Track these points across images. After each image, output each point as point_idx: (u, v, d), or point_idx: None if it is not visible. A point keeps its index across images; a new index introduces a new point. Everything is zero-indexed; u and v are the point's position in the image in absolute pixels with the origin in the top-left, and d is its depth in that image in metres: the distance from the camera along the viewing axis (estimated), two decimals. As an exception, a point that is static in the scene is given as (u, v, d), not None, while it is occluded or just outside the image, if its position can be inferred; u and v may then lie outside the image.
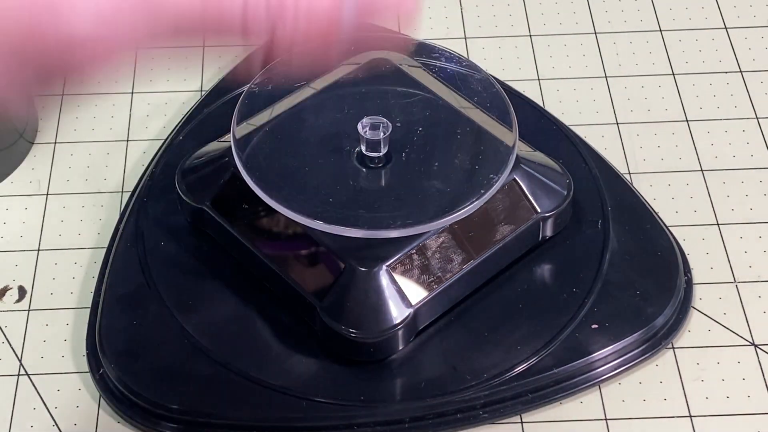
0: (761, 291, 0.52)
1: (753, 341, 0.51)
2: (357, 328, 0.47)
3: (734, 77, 0.60)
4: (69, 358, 0.50)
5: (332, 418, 0.47)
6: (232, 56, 0.61)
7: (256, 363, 0.48)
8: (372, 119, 0.50)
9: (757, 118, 0.58)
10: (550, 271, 0.51)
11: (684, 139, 0.58)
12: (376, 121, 0.50)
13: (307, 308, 0.48)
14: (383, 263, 0.48)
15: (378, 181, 0.50)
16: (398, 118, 0.51)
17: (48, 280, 0.53)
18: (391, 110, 0.51)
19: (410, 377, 0.48)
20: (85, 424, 0.49)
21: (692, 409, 0.49)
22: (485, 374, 0.48)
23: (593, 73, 0.61)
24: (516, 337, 0.49)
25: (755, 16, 0.63)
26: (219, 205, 0.51)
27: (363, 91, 0.52)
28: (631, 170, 0.56)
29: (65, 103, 0.59)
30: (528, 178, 0.51)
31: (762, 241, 0.54)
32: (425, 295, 0.48)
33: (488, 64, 0.61)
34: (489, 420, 0.48)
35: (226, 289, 0.51)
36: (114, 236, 0.53)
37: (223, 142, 0.52)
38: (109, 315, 0.50)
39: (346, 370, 0.48)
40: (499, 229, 0.50)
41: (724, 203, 0.55)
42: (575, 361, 0.49)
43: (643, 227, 0.53)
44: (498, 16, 0.63)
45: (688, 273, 0.52)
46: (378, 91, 0.52)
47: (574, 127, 0.57)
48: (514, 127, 0.50)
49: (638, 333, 0.49)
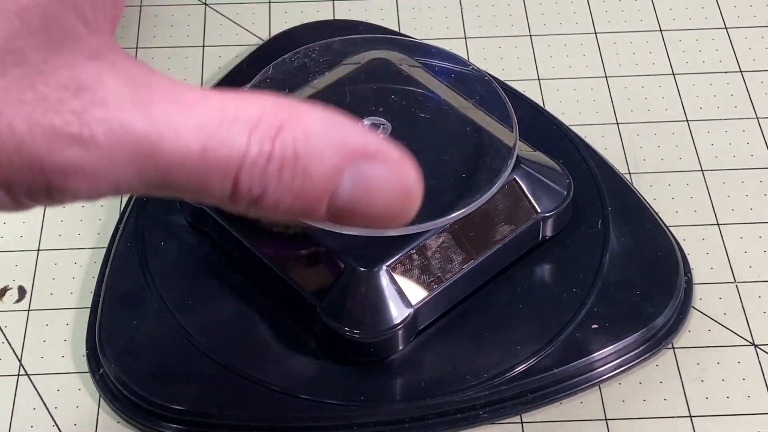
0: (761, 291, 0.52)
1: (753, 341, 0.51)
2: (357, 328, 0.47)
3: (734, 77, 0.60)
4: (69, 358, 0.50)
5: (332, 418, 0.47)
6: (232, 56, 0.61)
7: (256, 363, 0.48)
8: (372, 120, 0.50)
9: (757, 118, 0.58)
10: (550, 271, 0.51)
11: (684, 139, 0.58)
12: (376, 121, 0.50)
13: (307, 308, 0.48)
14: (383, 263, 0.48)
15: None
16: (398, 118, 0.51)
17: (48, 280, 0.53)
18: (391, 110, 0.51)
19: (410, 377, 0.48)
20: (85, 424, 0.49)
21: (692, 409, 0.49)
22: (485, 374, 0.48)
23: (593, 73, 0.61)
24: (516, 337, 0.49)
25: (755, 16, 0.63)
26: (219, 205, 0.51)
27: (363, 91, 0.52)
28: (631, 170, 0.56)
29: (65, 103, 0.59)
30: (528, 178, 0.51)
31: (762, 241, 0.54)
32: (425, 295, 0.48)
33: (488, 64, 0.61)
34: (489, 420, 0.48)
35: (226, 289, 0.51)
36: (114, 236, 0.53)
37: (223, 142, 0.52)
38: (109, 315, 0.50)
39: (346, 370, 0.48)
40: (499, 229, 0.50)
41: (724, 203, 0.55)
42: (575, 361, 0.49)
43: (643, 227, 0.53)
44: (498, 16, 0.63)
45: (688, 273, 0.52)
46: (378, 91, 0.52)
47: (574, 127, 0.57)
48: (514, 127, 0.50)
49: (638, 333, 0.49)
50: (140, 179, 0.27)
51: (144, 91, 0.26)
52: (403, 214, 0.30)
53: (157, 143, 0.26)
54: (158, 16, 0.63)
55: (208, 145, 0.26)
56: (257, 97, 0.28)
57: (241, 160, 0.27)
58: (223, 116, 0.27)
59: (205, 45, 0.62)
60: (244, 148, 0.26)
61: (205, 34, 0.62)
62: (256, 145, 0.27)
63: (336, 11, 0.63)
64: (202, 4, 0.64)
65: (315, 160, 0.27)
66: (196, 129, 0.26)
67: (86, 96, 0.26)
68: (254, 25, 0.63)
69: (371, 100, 0.52)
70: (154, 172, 0.27)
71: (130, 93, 0.26)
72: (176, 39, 0.62)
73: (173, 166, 0.26)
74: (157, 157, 0.26)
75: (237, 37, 0.62)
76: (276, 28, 0.62)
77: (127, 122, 0.26)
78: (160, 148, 0.26)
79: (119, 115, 0.26)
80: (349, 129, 0.28)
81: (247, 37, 0.62)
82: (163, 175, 0.27)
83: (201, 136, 0.26)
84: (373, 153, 0.29)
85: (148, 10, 0.64)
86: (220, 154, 0.26)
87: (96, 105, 0.26)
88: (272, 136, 0.27)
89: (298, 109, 0.28)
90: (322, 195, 0.28)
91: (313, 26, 0.62)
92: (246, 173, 0.27)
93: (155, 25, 0.63)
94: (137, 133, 0.26)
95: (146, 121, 0.26)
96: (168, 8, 0.64)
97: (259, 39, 0.62)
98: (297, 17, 0.63)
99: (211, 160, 0.26)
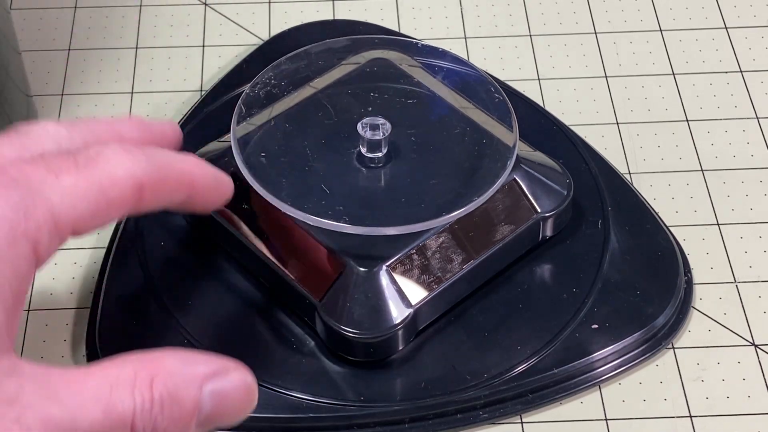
0: (761, 291, 0.52)
1: (753, 341, 0.51)
2: (357, 328, 0.47)
3: (734, 77, 0.60)
4: (69, 358, 0.50)
5: (332, 418, 0.47)
6: (232, 56, 0.61)
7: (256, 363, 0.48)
8: (372, 120, 0.50)
9: (757, 118, 0.58)
10: (550, 271, 0.51)
11: (684, 139, 0.58)
12: (375, 121, 0.50)
13: (307, 308, 0.48)
14: (383, 263, 0.48)
15: (378, 181, 0.50)
16: (398, 118, 0.51)
17: (48, 280, 0.53)
18: (391, 110, 0.51)
19: (410, 377, 0.48)
20: (85, 424, 0.49)
21: (692, 409, 0.49)
22: (485, 374, 0.48)
23: (593, 73, 0.61)
24: (516, 337, 0.49)
25: (755, 16, 0.63)
26: (219, 205, 0.51)
27: (363, 91, 0.52)
28: (631, 170, 0.56)
29: (65, 103, 0.59)
30: (528, 178, 0.51)
31: (762, 241, 0.54)
32: (425, 295, 0.48)
33: (488, 64, 0.61)
34: (489, 420, 0.48)
35: (226, 289, 0.51)
36: (114, 236, 0.53)
37: (223, 142, 0.52)
38: (109, 315, 0.50)
39: (346, 370, 0.48)
40: (499, 229, 0.50)
41: (724, 203, 0.55)
42: (575, 361, 0.49)
43: (643, 227, 0.53)
44: (498, 16, 0.63)
45: (688, 273, 0.52)
46: (378, 91, 0.52)
47: (574, 127, 0.57)
48: (514, 127, 0.50)
49: (638, 333, 0.49)
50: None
51: (50, 386, 0.34)
52: (251, 405, 0.38)
53: (73, 422, 0.34)
54: (158, 16, 0.63)
55: (106, 409, 0.34)
56: (126, 359, 0.36)
57: (132, 412, 0.35)
58: (109, 383, 0.35)
59: (205, 45, 0.62)
60: (132, 403, 0.35)
61: (205, 34, 0.62)
62: (139, 397, 0.35)
63: (336, 11, 0.63)
64: (202, 4, 0.64)
65: (182, 392, 0.36)
66: (95, 401, 0.34)
67: (17, 405, 0.33)
68: (254, 25, 0.63)
69: (371, 100, 0.52)
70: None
71: (44, 393, 0.34)
72: (176, 39, 0.62)
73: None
74: (76, 429, 0.34)
75: (237, 37, 0.62)
76: (276, 28, 0.62)
77: (51, 414, 0.34)
78: (76, 424, 0.34)
79: (44, 411, 0.33)
80: (198, 360, 0.37)
81: (247, 37, 0.62)
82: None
83: (100, 405, 0.34)
84: (218, 371, 0.37)
85: (148, 10, 0.64)
86: (117, 413, 0.34)
87: (26, 409, 0.33)
88: (149, 386, 0.35)
89: (159, 358, 0.36)
90: (193, 413, 0.36)
91: (313, 26, 0.62)
92: (138, 420, 0.35)
93: (155, 25, 0.63)
94: (58, 419, 0.34)
95: (61, 408, 0.34)
96: (168, 8, 0.64)
97: (259, 39, 0.62)
98: (297, 17, 0.63)
99: (112, 420, 0.34)
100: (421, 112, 0.52)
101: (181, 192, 0.40)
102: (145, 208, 0.39)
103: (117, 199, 0.38)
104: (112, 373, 0.35)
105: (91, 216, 0.37)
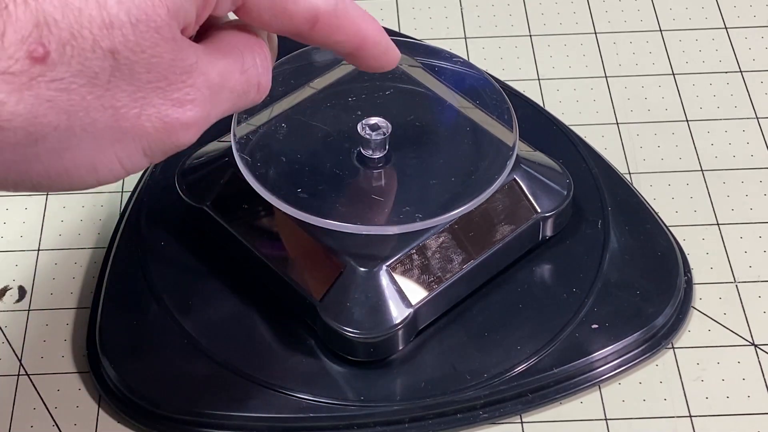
0: (761, 291, 0.52)
1: (753, 341, 0.51)
2: (357, 328, 0.47)
3: (734, 77, 0.60)
4: (69, 358, 0.50)
5: (332, 418, 0.47)
6: (232, 56, 0.61)
7: (256, 363, 0.48)
8: (372, 120, 0.50)
9: (757, 118, 0.58)
10: (550, 271, 0.51)
11: (684, 139, 0.58)
12: (375, 122, 0.50)
13: (307, 308, 0.48)
14: (383, 263, 0.48)
15: (378, 180, 0.50)
16: (398, 118, 0.51)
17: (48, 280, 0.53)
18: (392, 110, 0.51)
19: (410, 377, 0.48)
20: (85, 424, 0.49)
21: (692, 409, 0.49)
22: (485, 374, 0.48)
23: (593, 73, 0.61)
24: (516, 337, 0.49)
25: (755, 16, 0.63)
26: (219, 205, 0.51)
27: (363, 91, 0.52)
28: (631, 170, 0.56)
29: (65, 103, 0.59)
30: (528, 178, 0.51)
31: (762, 241, 0.54)
32: (425, 295, 0.48)
33: (488, 64, 0.61)
34: (489, 420, 0.48)
35: (226, 289, 0.51)
36: (114, 236, 0.53)
37: (223, 142, 0.52)
38: (109, 315, 0.50)
39: (346, 370, 0.48)
40: (499, 229, 0.50)
41: (724, 203, 0.55)
42: (575, 361, 0.49)
43: (643, 227, 0.53)
44: (498, 16, 0.63)
45: (688, 273, 0.52)
46: (378, 90, 0.52)
47: (574, 127, 0.57)
48: (514, 127, 0.50)
49: (638, 333, 0.50)
50: None
51: (210, 56, 0.39)
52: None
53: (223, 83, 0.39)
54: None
55: (242, 70, 0.40)
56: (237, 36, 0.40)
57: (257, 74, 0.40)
58: (241, 52, 0.40)
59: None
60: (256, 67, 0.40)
61: (205, 34, 0.62)
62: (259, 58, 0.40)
63: (336, 11, 0.63)
64: (202, 4, 0.64)
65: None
66: (235, 64, 0.39)
67: (195, 72, 0.38)
68: (254, 25, 0.63)
69: (371, 100, 0.52)
70: None
71: (209, 59, 0.38)
72: (176, 39, 0.62)
73: None
74: (224, 88, 0.39)
75: (237, 37, 0.62)
76: (276, 28, 0.62)
77: (212, 79, 0.38)
78: (225, 84, 0.39)
79: (208, 76, 0.38)
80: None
81: (247, 37, 0.62)
82: None
83: (237, 68, 0.39)
84: None
85: (148, 10, 0.64)
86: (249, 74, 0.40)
87: (199, 75, 0.38)
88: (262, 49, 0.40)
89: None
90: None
91: (313, 26, 0.62)
92: (264, 79, 0.40)
93: (155, 25, 0.63)
94: (216, 82, 0.39)
95: (216, 72, 0.39)
96: (168, 8, 0.64)
97: (259, 39, 0.62)
98: (297, 17, 0.63)
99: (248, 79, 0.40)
100: (421, 112, 0.52)
101: (349, 45, 0.42)
102: (312, 39, 0.41)
103: (292, 12, 0.40)
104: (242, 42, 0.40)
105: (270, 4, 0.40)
